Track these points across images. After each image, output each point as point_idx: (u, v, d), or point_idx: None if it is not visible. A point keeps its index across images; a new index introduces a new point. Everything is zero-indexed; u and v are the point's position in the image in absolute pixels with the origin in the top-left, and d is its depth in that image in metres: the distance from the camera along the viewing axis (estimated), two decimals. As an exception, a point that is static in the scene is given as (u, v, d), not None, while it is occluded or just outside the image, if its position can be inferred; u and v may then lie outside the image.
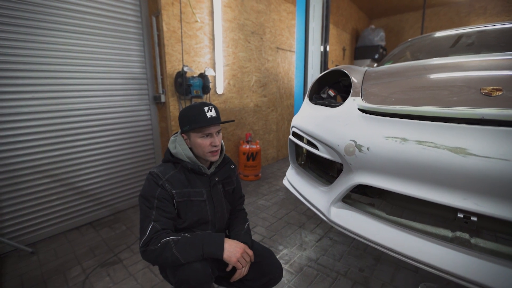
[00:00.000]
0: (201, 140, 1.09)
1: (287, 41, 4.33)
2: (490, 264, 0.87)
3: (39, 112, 2.03)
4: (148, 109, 2.76)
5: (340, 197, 1.29)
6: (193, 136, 1.10)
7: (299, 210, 2.61)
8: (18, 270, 1.77)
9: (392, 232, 1.10)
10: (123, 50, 2.48)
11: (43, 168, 2.10)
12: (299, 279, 1.66)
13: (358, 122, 1.23)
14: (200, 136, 1.09)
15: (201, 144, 1.09)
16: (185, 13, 2.71)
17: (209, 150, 1.11)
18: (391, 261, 1.80)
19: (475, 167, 0.86)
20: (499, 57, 1.35)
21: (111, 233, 2.25)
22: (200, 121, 1.07)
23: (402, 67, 1.64)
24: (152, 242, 0.97)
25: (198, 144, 1.10)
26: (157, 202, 1.03)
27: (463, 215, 0.98)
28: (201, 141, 1.09)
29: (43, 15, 1.98)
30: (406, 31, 6.94)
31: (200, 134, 1.09)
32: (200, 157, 1.15)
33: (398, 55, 2.28)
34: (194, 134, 1.10)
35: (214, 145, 1.10)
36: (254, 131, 3.93)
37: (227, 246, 0.98)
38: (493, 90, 0.99)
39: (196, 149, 1.12)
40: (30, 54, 1.95)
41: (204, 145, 1.09)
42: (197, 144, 1.10)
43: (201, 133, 1.09)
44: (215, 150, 1.12)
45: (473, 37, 1.95)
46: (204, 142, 1.09)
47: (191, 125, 1.08)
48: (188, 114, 1.10)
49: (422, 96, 1.17)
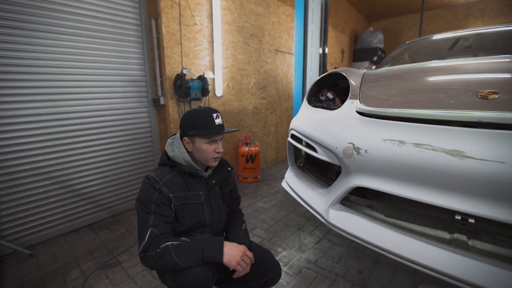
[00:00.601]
0: (206, 146, 1.10)
1: (286, 43, 4.35)
2: (488, 266, 0.88)
3: (38, 114, 2.03)
4: (147, 111, 2.76)
5: (338, 199, 1.30)
6: (198, 141, 1.10)
7: (298, 212, 2.61)
8: (17, 273, 1.76)
9: (390, 234, 1.11)
10: (122, 52, 2.49)
11: (42, 170, 2.10)
12: (298, 281, 1.66)
13: (356, 124, 1.24)
14: (206, 142, 1.10)
15: (206, 150, 1.11)
16: (184, 16, 2.72)
17: (212, 156, 1.12)
18: (390, 263, 1.80)
19: (472, 169, 0.87)
20: (496, 60, 1.36)
21: (110, 235, 2.24)
22: (210, 128, 1.08)
23: (400, 69, 1.66)
24: (151, 248, 0.96)
25: (203, 150, 1.11)
26: (155, 207, 1.03)
27: (460, 217, 0.99)
28: (206, 147, 1.10)
29: (43, 18, 1.98)
30: (405, 34, 6.98)
31: (206, 140, 1.10)
32: (200, 161, 1.15)
33: (396, 58, 2.29)
34: (200, 140, 1.10)
35: (218, 151, 1.13)
36: (253, 133, 3.94)
37: (227, 249, 0.98)
38: (489, 93, 1.00)
39: (199, 154, 1.12)
40: (29, 57, 1.95)
41: (209, 151, 1.11)
42: (202, 150, 1.11)
43: (208, 139, 1.10)
44: (218, 156, 1.14)
45: (471, 39, 1.96)
46: (209, 148, 1.11)
47: (199, 131, 1.08)
48: (196, 119, 1.09)
49: (420, 99, 1.18)
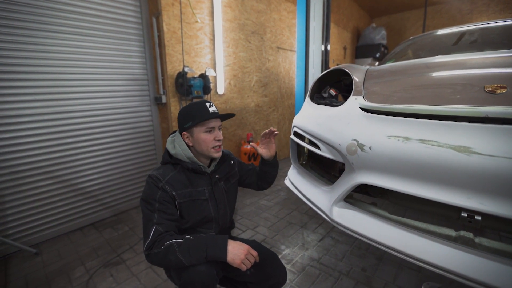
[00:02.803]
0: (205, 135, 1.10)
1: (287, 40, 4.32)
2: (494, 264, 0.86)
3: (40, 114, 2.04)
4: (149, 110, 2.76)
5: (342, 196, 1.28)
6: (196, 131, 1.10)
7: (301, 210, 2.60)
8: (23, 271, 1.78)
9: (395, 231, 1.09)
10: (123, 51, 2.48)
11: (46, 169, 2.11)
12: (302, 278, 1.65)
13: (360, 121, 1.23)
14: (204, 131, 1.10)
15: (205, 140, 1.10)
16: (185, 14, 2.71)
17: (213, 145, 1.11)
18: (394, 260, 1.79)
19: (479, 166, 0.85)
20: (503, 54, 1.33)
21: (113, 233, 2.25)
22: (204, 115, 1.08)
23: (404, 65, 1.63)
24: (156, 245, 0.97)
25: (202, 140, 1.10)
26: (159, 205, 1.03)
27: (467, 214, 0.98)
28: (205, 136, 1.10)
29: (44, 17, 1.98)
30: (408, 29, 6.90)
31: (204, 128, 1.09)
32: (203, 154, 1.14)
33: (400, 54, 2.27)
34: (198, 129, 1.10)
35: (218, 139, 1.12)
36: (255, 131, 3.93)
37: (231, 248, 0.97)
38: (497, 87, 0.98)
39: (199, 146, 1.11)
40: (31, 56, 1.95)
41: (208, 140, 1.10)
42: (201, 140, 1.10)
43: (205, 127, 1.09)
44: (218, 145, 1.13)
45: (476, 34, 1.93)
46: (208, 137, 1.10)
47: (195, 120, 1.08)
48: (190, 110, 1.11)
49: (425, 94, 1.16)
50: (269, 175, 1.38)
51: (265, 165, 1.35)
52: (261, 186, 1.41)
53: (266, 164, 1.35)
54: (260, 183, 1.40)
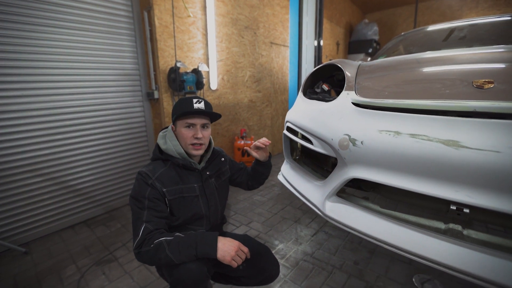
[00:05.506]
0: (184, 130, 1.09)
1: (280, 35, 4.30)
2: (482, 255, 0.89)
3: (28, 109, 1.98)
4: (141, 105, 2.72)
5: (334, 191, 1.30)
6: (178, 125, 1.10)
7: (294, 205, 2.62)
8: (12, 271, 1.74)
9: (386, 225, 1.11)
10: (114, 45, 2.43)
11: (35, 166, 2.06)
12: (295, 273, 1.67)
13: (352, 116, 1.24)
14: (184, 126, 1.09)
15: (184, 134, 1.09)
16: (177, 8, 2.66)
17: (190, 142, 1.09)
18: (386, 253, 1.82)
19: (467, 159, 0.87)
20: (491, 50, 1.36)
21: (106, 231, 2.23)
22: (185, 108, 1.07)
23: (395, 61, 1.65)
24: (145, 244, 0.96)
25: (181, 134, 1.10)
26: (148, 202, 1.02)
27: (455, 207, 1.00)
28: (184, 131, 1.09)
29: (32, 11, 1.92)
30: (399, 25, 6.96)
31: (184, 123, 1.09)
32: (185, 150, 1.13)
33: (391, 49, 2.28)
34: (179, 123, 1.10)
35: (196, 137, 1.09)
36: (249, 126, 3.92)
37: (221, 245, 0.96)
38: (485, 82, 1.00)
39: (180, 140, 1.12)
40: (18, 50, 1.89)
41: (186, 136, 1.09)
42: (181, 134, 1.10)
43: (184, 121, 1.08)
44: (196, 143, 1.10)
45: (465, 30, 1.96)
46: (187, 133, 1.09)
47: (177, 113, 1.08)
48: (179, 103, 1.11)
49: (415, 89, 1.17)
50: (262, 176, 1.39)
51: (259, 165, 1.35)
52: (252, 186, 1.41)
53: (260, 165, 1.35)
54: (251, 183, 1.40)
